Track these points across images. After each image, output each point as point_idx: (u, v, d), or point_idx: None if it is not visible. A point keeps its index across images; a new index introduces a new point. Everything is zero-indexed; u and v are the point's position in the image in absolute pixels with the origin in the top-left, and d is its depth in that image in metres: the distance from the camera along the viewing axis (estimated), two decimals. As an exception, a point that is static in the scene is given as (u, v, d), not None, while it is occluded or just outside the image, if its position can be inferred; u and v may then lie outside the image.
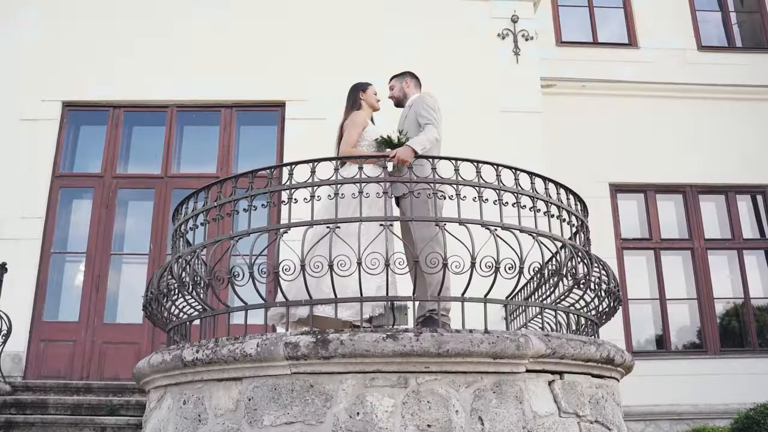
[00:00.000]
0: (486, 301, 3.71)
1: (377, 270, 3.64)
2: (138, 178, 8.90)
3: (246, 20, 9.30)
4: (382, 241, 3.77)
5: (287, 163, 4.08)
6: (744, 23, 12.27)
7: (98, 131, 8.99)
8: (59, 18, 9.21)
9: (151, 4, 9.33)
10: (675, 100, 11.06)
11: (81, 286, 8.36)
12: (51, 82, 8.90)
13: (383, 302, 4.18)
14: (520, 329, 4.86)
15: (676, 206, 10.74)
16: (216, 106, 9.07)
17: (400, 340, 3.38)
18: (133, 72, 8.99)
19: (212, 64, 9.07)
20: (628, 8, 11.72)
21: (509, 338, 3.47)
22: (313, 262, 3.64)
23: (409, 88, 5.19)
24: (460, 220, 3.80)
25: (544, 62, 10.45)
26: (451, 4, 9.43)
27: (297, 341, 3.46)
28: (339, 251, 3.67)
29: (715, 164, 10.69)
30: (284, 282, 3.88)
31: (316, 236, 3.88)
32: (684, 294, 10.29)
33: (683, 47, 11.47)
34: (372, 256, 3.60)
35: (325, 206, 4.24)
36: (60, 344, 8.05)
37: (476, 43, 9.27)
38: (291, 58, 9.12)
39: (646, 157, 10.64)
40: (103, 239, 8.47)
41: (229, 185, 4.26)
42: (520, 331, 3.56)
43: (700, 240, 10.40)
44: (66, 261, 8.82)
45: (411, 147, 4.37)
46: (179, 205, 4.64)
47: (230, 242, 3.96)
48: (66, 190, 8.75)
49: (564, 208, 4.31)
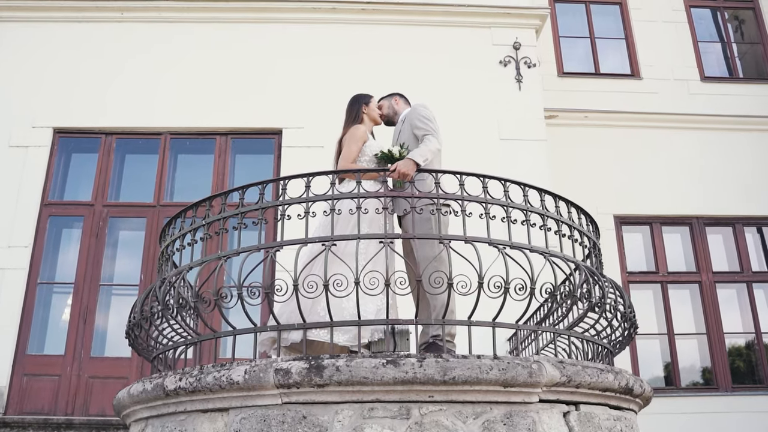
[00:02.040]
0: (495, 325, 3.43)
1: (376, 290, 3.36)
2: (129, 206, 8.62)
3: (242, 46, 9.13)
4: (381, 260, 3.49)
5: (280, 178, 3.82)
6: (746, 54, 12.17)
7: (89, 158, 8.74)
8: (51, 43, 9.02)
9: (144, 31, 9.16)
10: (679, 131, 10.89)
11: (68, 318, 8.02)
12: (42, 107, 8.68)
13: (383, 326, 3.87)
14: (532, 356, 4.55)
15: (682, 238, 10.48)
16: (211, 133, 8.84)
17: (401, 366, 3.09)
18: (126, 98, 8.78)
19: (207, 91, 8.86)
20: (630, 39, 11.60)
21: (521, 364, 3.18)
22: (307, 282, 3.35)
23: (399, 105, 4.96)
24: (466, 238, 3.54)
25: (546, 93, 10.27)
26: (451, 31, 9.28)
27: (288, 367, 3.16)
28: (335, 271, 3.39)
29: (721, 195, 10.46)
30: (277, 305, 3.59)
31: (312, 255, 3.60)
32: (692, 329, 9.96)
33: (686, 78, 11.33)
34: (371, 275, 3.32)
35: (322, 225, 3.97)
36: (44, 379, 7.70)
37: (477, 70, 9.09)
38: (288, 85, 8.93)
39: (651, 188, 10.41)
40: (92, 269, 8.17)
41: (217, 203, 4.00)
42: (533, 357, 3.26)
43: (707, 273, 10.11)
44: (53, 292, 8.50)
45: (412, 159, 4.10)
46: (166, 226, 4.38)
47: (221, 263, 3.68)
48: (55, 218, 8.46)
49: (576, 227, 4.04)
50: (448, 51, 9.17)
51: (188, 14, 9.25)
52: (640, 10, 11.76)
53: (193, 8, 9.25)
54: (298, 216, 3.62)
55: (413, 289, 3.70)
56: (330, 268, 3.37)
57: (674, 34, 11.62)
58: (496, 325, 3.42)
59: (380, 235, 3.54)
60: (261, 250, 3.66)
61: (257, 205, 3.75)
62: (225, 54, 9.09)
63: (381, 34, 9.24)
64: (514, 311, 3.56)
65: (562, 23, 11.74)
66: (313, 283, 3.32)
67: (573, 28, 11.78)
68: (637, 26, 11.65)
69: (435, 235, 3.67)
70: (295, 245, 3.56)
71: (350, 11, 9.34)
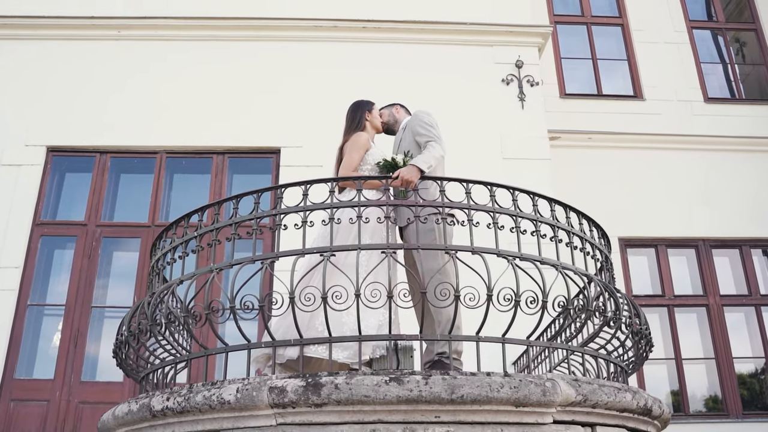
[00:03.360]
0: (504, 341, 3.21)
1: (378, 303, 3.13)
2: (123, 226, 8.41)
3: (240, 65, 8.98)
4: (383, 272, 3.27)
5: (277, 186, 3.63)
6: (749, 75, 12.07)
7: (83, 178, 8.54)
8: (46, 60, 8.88)
9: (141, 49, 9.02)
10: (683, 152, 10.73)
11: (58, 341, 7.77)
12: (36, 126, 8.50)
13: (385, 342, 3.63)
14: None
15: (688, 261, 10.26)
16: (207, 152, 8.66)
17: (405, 383, 2.86)
18: (122, 117, 8.61)
19: (204, 110, 8.70)
20: (632, 60, 11.49)
21: (533, 382, 2.95)
22: (304, 295, 3.13)
23: (399, 114, 4.79)
24: (473, 248, 3.33)
25: (548, 115, 10.12)
26: (453, 49, 9.15)
27: (284, 385, 2.93)
28: (335, 282, 3.18)
29: (727, 217, 10.27)
30: (273, 319, 3.38)
31: (310, 267, 3.39)
32: (700, 353, 9.71)
33: (689, 99, 11.21)
34: (372, 287, 3.10)
35: (321, 235, 3.77)
36: (32, 404, 7.42)
37: (480, 88, 8.94)
38: (287, 104, 8.77)
39: (656, 210, 10.22)
40: (84, 291, 7.93)
41: (210, 213, 3.80)
42: (546, 375, 3.03)
43: (715, 296, 9.88)
44: (44, 314, 8.25)
45: (416, 166, 3.89)
46: (157, 239, 4.17)
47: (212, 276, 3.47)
48: (47, 238, 8.24)
49: (587, 240, 3.84)
50: (449, 69, 9.03)
51: (186, 32, 9.12)
52: (642, 31, 11.67)
53: (191, 26, 9.13)
54: (295, 225, 3.42)
55: (416, 303, 3.48)
56: (329, 279, 3.17)
57: (677, 55, 11.52)
58: (506, 341, 3.21)
59: (382, 246, 3.33)
60: (255, 261, 3.44)
61: (252, 215, 3.55)
62: (223, 72, 8.94)
63: (382, 53, 9.11)
64: (523, 328, 3.34)
65: (564, 45, 11.64)
66: (311, 296, 3.11)
67: (574, 50, 11.69)
68: (639, 47, 11.55)
69: (440, 246, 3.46)
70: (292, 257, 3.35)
71: (351, 29, 9.22)
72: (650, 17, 11.74)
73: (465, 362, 3.93)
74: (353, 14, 9.26)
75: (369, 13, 9.27)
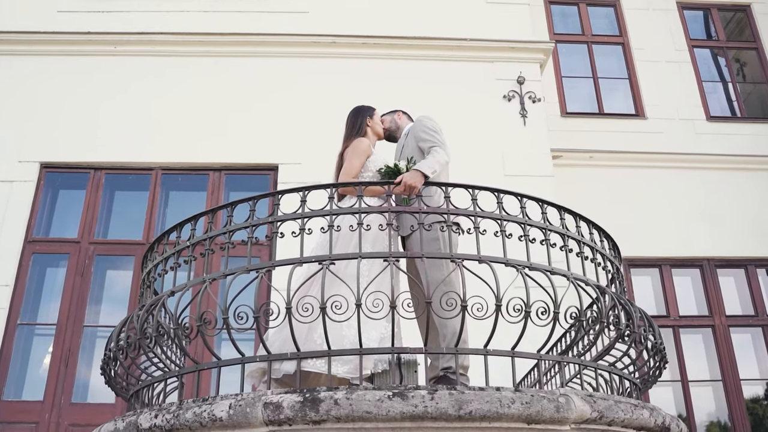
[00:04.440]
0: (514, 355, 3.03)
1: (380, 313, 2.95)
2: (117, 244, 8.22)
3: (237, 80, 8.85)
4: (385, 282, 3.09)
5: (273, 192, 3.47)
6: (750, 94, 11.99)
7: (77, 195, 8.37)
8: (40, 76, 8.74)
9: (137, 64, 8.90)
10: (686, 170, 10.60)
11: (48, 362, 7.55)
12: (29, 142, 8.35)
13: (387, 356, 3.43)
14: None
15: (692, 281, 10.09)
16: (204, 169, 8.50)
17: (410, 399, 2.67)
18: (117, 133, 8.45)
19: (201, 126, 8.55)
20: (633, 79, 11.40)
21: (546, 398, 2.76)
22: (301, 305, 2.95)
23: (402, 120, 4.64)
24: (480, 257, 3.15)
25: (550, 133, 10.00)
26: (453, 65, 9.03)
27: (279, 401, 2.74)
28: (334, 292, 3.00)
29: (731, 236, 10.11)
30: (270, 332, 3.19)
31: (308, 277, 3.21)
32: (707, 375, 9.50)
33: (691, 117, 11.10)
34: (374, 296, 2.91)
35: (320, 244, 3.59)
36: (20, 427, 7.17)
37: (481, 105, 8.80)
38: (285, 120, 8.63)
39: (660, 229, 10.06)
40: (76, 310, 7.72)
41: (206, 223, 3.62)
42: (559, 390, 2.85)
43: (721, 317, 9.69)
44: (34, 334, 8.04)
45: (419, 171, 3.72)
46: (148, 251, 4.00)
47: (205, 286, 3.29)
48: (39, 256, 8.05)
49: (598, 250, 3.67)
50: (450, 86, 8.90)
51: (183, 48, 9.01)
52: (643, 50, 11.59)
53: (188, 42, 9.01)
54: (292, 234, 3.25)
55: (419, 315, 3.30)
56: (328, 289, 2.99)
57: (678, 73, 11.44)
58: (515, 355, 3.02)
59: (384, 254, 3.15)
60: (250, 271, 3.26)
61: (247, 223, 3.38)
62: (220, 88, 8.81)
63: (381, 69, 8.99)
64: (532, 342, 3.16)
65: (564, 63, 11.55)
66: (309, 306, 2.92)
67: (575, 69, 11.61)
68: (641, 66, 11.47)
69: (446, 254, 3.28)
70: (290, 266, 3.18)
71: (350, 45, 9.11)
72: (651, 36, 11.68)
73: (472, 378, 3.74)
74: (352, 30, 9.15)
75: (368, 29, 9.17)
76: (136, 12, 9.28)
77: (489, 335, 2.99)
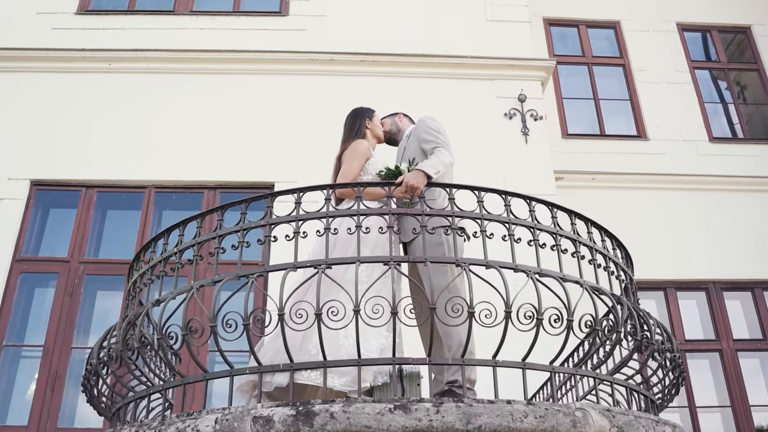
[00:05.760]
0: (525, 366, 2.81)
1: (380, 320, 2.72)
2: (108, 263, 7.97)
3: (233, 97, 8.68)
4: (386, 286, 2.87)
5: (266, 195, 3.26)
6: (753, 116, 11.88)
7: (68, 213, 8.15)
8: (33, 93, 8.57)
9: (131, 81, 8.73)
10: (690, 192, 10.43)
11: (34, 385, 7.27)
12: (20, 159, 8.14)
13: (388, 367, 3.18)
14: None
15: (698, 304, 9.85)
16: (198, 187, 8.29)
17: (413, 412, 2.44)
18: (110, 150, 8.25)
19: (195, 143, 8.35)
20: (635, 100, 11.28)
21: (562, 411, 2.53)
22: (295, 312, 2.73)
23: (403, 122, 4.43)
24: (488, 262, 2.94)
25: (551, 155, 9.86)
26: (453, 83, 8.87)
27: (270, 415, 2.51)
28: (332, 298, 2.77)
29: (737, 258, 9.90)
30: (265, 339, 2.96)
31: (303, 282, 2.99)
32: (715, 401, 9.22)
33: (694, 139, 10.97)
34: (374, 301, 2.69)
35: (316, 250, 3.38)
36: (4, 453, 6.91)
37: (481, 123, 8.62)
38: (281, 138, 8.43)
39: (663, 252, 9.85)
40: (64, 331, 7.45)
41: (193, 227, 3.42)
42: (575, 404, 2.61)
43: (728, 341, 9.44)
44: (21, 356, 7.76)
45: (422, 171, 3.50)
46: (134, 261, 3.78)
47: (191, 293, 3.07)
48: (27, 275, 7.80)
49: (611, 258, 3.46)
50: (450, 103, 8.72)
51: (178, 65, 8.84)
52: (644, 71, 11.50)
53: (184, 59, 8.86)
54: (286, 237, 3.04)
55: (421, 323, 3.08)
56: (325, 296, 2.76)
57: (680, 94, 11.33)
58: (526, 367, 2.80)
59: (385, 258, 2.94)
60: (241, 277, 3.05)
61: (238, 227, 3.17)
62: (216, 105, 8.63)
63: (380, 86, 8.81)
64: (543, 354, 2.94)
65: (565, 85, 11.45)
66: (303, 312, 2.70)
67: (576, 90, 11.50)
68: (642, 87, 11.37)
69: (451, 259, 3.06)
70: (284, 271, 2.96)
71: (349, 63, 8.96)
72: (652, 57, 11.60)
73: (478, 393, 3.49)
74: (350, 47, 9.01)
75: (366, 46, 9.03)
76: (131, 29, 9.15)
77: (498, 345, 2.77)
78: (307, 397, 3.26)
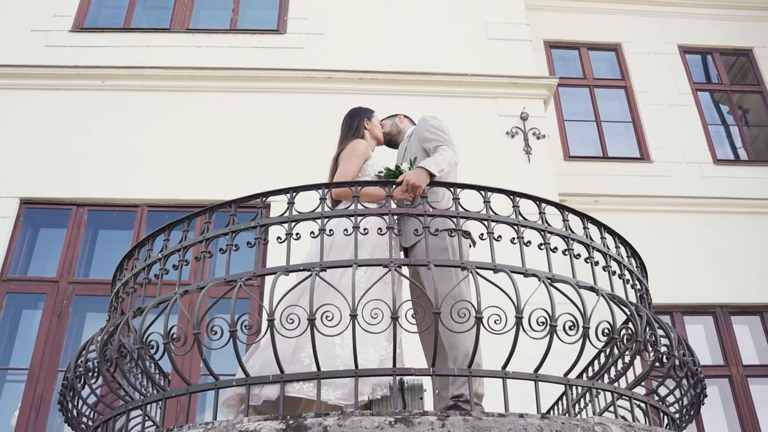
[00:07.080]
0: (537, 379, 2.58)
1: (380, 326, 2.48)
2: (98, 284, 7.70)
3: (227, 115, 8.49)
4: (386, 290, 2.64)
5: (258, 195, 3.05)
6: (757, 138, 11.73)
7: (58, 232, 7.92)
8: (23, 109, 8.38)
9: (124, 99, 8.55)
10: (694, 214, 10.25)
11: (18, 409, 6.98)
12: (9, 176, 7.92)
13: (388, 379, 2.91)
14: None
15: (705, 329, 9.59)
16: (192, 206, 8.04)
17: (416, 426, 2.20)
18: (101, 168, 8.04)
19: (190, 161, 8.14)
20: (637, 122, 11.14)
21: (579, 426, 2.29)
22: (286, 317, 2.49)
23: (403, 123, 4.23)
24: (495, 265, 2.72)
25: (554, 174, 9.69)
26: (454, 101, 8.67)
27: (257, 429, 2.27)
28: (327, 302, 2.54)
29: (745, 282, 9.67)
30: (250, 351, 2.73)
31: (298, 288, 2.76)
32: (725, 428, 8.92)
33: (698, 161, 10.81)
34: (373, 304, 2.46)
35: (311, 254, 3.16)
36: (-16, 481, 6.60)
37: (483, 142, 8.41)
38: (276, 156, 8.22)
39: (669, 275, 9.59)
40: (51, 353, 7.18)
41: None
42: (593, 418, 2.37)
43: (737, 366, 9.16)
44: (5, 379, 7.49)
45: (424, 168, 3.27)
46: (117, 270, 3.55)
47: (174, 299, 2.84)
48: (13, 295, 7.54)
49: (626, 266, 3.24)
50: (451, 122, 8.48)
51: (173, 83, 8.67)
52: (647, 93, 11.38)
53: (179, 76, 8.68)
54: (278, 239, 2.82)
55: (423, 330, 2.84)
56: (320, 299, 2.53)
57: (683, 116, 11.20)
58: (539, 379, 2.56)
59: (384, 260, 2.71)
60: (228, 282, 2.82)
61: (227, 229, 2.96)
62: (211, 123, 8.43)
63: (379, 104, 8.50)
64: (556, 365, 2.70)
65: (567, 107, 11.32)
66: (295, 317, 2.46)
67: (578, 112, 11.38)
68: (644, 109, 11.24)
69: (456, 262, 2.82)
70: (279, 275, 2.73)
71: (347, 80, 8.79)
72: (654, 80, 11.49)
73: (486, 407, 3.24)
74: (349, 65, 8.86)
75: (365, 64, 8.88)
76: (126, 47, 9.00)
77: (508, 354, 2.53)
78: (298, 412, 3.01)
